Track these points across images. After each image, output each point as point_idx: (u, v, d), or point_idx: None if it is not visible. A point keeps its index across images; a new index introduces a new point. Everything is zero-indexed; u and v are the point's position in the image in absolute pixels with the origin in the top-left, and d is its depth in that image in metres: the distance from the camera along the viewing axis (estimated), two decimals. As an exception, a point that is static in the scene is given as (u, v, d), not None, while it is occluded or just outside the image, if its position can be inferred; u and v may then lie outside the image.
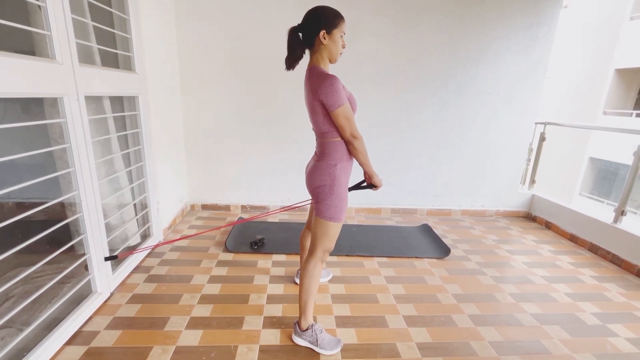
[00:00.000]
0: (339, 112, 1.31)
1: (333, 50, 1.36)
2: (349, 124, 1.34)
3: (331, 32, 1.33)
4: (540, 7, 2.92)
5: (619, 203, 2.59)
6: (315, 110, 1.35)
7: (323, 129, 1.39)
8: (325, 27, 1.32)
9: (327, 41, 1.34)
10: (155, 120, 2.37)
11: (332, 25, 1.33)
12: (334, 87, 1.28)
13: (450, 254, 2.51)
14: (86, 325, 1.58)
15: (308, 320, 1.51)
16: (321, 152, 1.44)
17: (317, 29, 1.32)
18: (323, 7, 1.35)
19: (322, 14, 1.33)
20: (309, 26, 1.35)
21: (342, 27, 1.35)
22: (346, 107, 1.31)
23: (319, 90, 1.29)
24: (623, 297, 2.06)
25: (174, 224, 2.82)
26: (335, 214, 1.42)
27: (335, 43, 1.35)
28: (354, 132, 1.35)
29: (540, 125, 3.42)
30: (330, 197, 1.40)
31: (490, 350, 1.56)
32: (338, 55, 1.39)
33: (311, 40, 1.36)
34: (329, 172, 1.40)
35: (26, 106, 2.24)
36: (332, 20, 1.33)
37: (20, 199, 1.82)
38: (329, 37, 1.33)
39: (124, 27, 1.97)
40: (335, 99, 1.28)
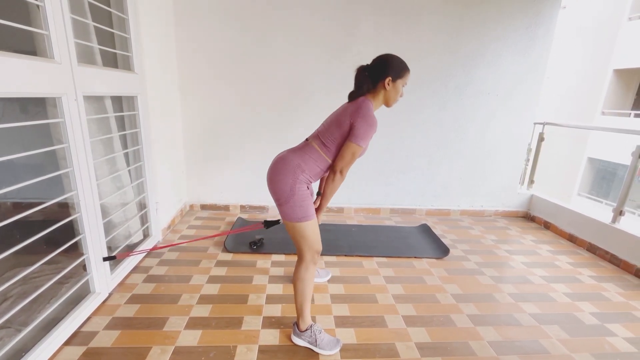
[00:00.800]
0: (352, 146, 1.38)
1: (392, 97, 1.47)
2: (349, 160, 1.41)
3: (395, 81, 1.44)
4: (538, 7, 2.93)
5: (617, 203, 2.59)
6: (342, 126, 1.40)
7: (329, 143, 1.43)
8: (392, 74, 1.42)
9: (390, 87, 1.44)
10: (154, 120, 2.37)
11: (398, 75, 1.44)
12: (369, 129, 1.38)
13: (449, 254, 2.51)
14: (85, 326, 1.58)
15: (306, 321, 1.51)
16: (303, 151, 1.45)
17: (384, 75, 1.42)
18: (393, 56, 1.46)
19: (391, 62, 1.44)
20: (377, 69, 1.44)
21: (405, 79, 1.47)
22: (359, 149, 1.40)
23: (358, 119, 1.37)
24: (621, 296, 2.07)
25: (172, 224, 2.82)
26: (303, 213, 1.39)
27: (396, 91, 1.46)
28: (345, 169, 1.44)
29: (539, 125, 3.42)
30: (293, 198, 1.38)
31: (489, 350, 1.56)
32: (394, 103, 1.50)
33: (375, 82, 1.45)
34: (294, 173, 1.39)
35: (24, 106, 2.24)
36: (399, 71, 1.44)
37: (19, 199, 1.81)
38: (392, 84, 1.44)
39: (123, 26, 1.97)
40: (362, 137, 1.38)
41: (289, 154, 1.45)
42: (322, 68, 2.94)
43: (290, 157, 1.43)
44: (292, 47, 2.88)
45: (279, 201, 1.41)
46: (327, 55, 2.91)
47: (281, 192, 1.39)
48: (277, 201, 1.42)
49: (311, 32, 2.85)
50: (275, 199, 1.43)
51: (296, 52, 2.89)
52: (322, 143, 1.44)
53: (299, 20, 2.82)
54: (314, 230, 1.44)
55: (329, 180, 1.46)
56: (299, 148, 1.49)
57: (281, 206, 1.41)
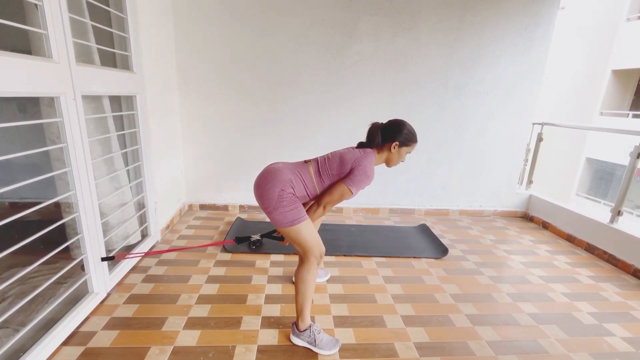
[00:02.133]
0: (344, 189, 1.49)
1: (394, 160, 1.60)
2: (335, 200, 1.52)
3: (401, 147, 1.56)
4: (537, 8, 2.93)
5: (615, 203, 2.60)
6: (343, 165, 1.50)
7: (324, 176, 1.51)
8: (399, 140, 1.54)
9: (394, 151, 1.56)
10: (153, 119, 2.36)
11: (405, 144, 1.56)
12: (365, 180, 1.49)
13: (448, 254, 2.52)
14: (83, 326, 1.58)
15: (305, 322, 1.51)
16: (299, 171, 1.49)
17: (393, 138, 1.54)
18: (407, 125, 1.58)
19: (403, 130, 1.55)
20: (389, 131, 1.56)
21: (411, 148, 1.59)
22: (349, 195, 1.51)
23: (359, 167, 1.48)
24: (619, 296, 2.08)
25: (171, 224, 2.81)
26: (294, 217, 1.41)
27: (399, 156, 1.59)
28: (329, 206, 1.55)
29: (538, 125, 3.43)
30: (281, 205, 1.40)
31: (487, 349, 1.57)
32: (394, 165, 1.62)
33: (384, 141, 1.57)
34: (284, 185, 1.42)
35: (22, 105, 2.23)
36: (407, 139, 1.55)
37: (16, 199, 1.81)
38: (398, 149, 1.56)
39: (122, 26, 1.96)
40: (356, 184, 1.48)
41: (284, 168, 1.48)
42: (322, 68, 2.94)
43: (285, 171, 1.46)
44: (292, 47, 2.88)
45: (267, 209, 1.43)
46: (327, 55, 2.91)
47: (268, 200, 1.41)
48: (266, 209, 1.44)
49: (311, 32, 2.85)
50: (263, 207, 1.45)
51: (296, 52, 2.89)
52: (319, 173, 1.51)
53: (298, 20, 2.82)
54: (309, 231, 1.44)
55: (312, 210, 1.56)
56: (295, 166, 1.52)
57: (270, 214, 1.43)
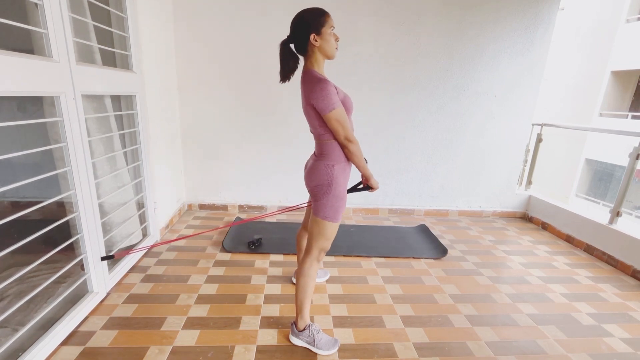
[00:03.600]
0: (330, 116, 1.30)
1: (328, 49, 1.34)
2: (342, 128, 1.32)
3: (320, 32, 1.31)
4: (537, 9, 2.94)
5: (614, 204, 2.61)
6: (310, 113, 1.36)
7: (319, 131, 1.39)
8: (314, 29, 1.30)
9: (320, 42, 1.32)
10: (153, 119, 2.36)
11: (320, 25, 1.31)
12: (324, 92, 1.27)
13: (448, 254, 2.52)
14: (82, 326, 1.58)
15: (305, 320, 1.51)
16: (320, 152, 1.44)
17: (306, 34, 1.31)
18: (305, 10, 1.33)
19: (306, 18, 1.32)
20: (298, 34, 1.33)
21: (330, 23, 1.33)
22: (338, 111, 1.30)
23: (310, 95, 1.29)
24: (618, 297, 2.08)
25: (171, 223, 2.81)
26: (331, 214, 1.41)
27: (327, 41, 1.33)
28: (348, 135, 1.34)
29: (537, 126, 3.44)
30: (327, 196, 1.40)
31: (486, 350, 1.57)
32: (334, 51, 1.36)
33: (304, 47, 1.34)
34: (327, 172, 1.40)
35: (22, 105, 2.23)
36: (318, 20, 1.31)
37: (16, 198, 1.81)
38: (319, 37, 1.31)
39: (122, 25, 1.96)
40: (326, 103, 1.27)
41: (314, 162, 1.46)
42: (321, 68, 2.94)
43: (315, 164, 1.44)
44: (291, 47, 2.87)
45: (315, 197, 1.44)
46: (326, 55, 2.91)
47: (319, 189, 1.41)
48: (314, 197, 1.44)
49: (310, 32, 2.85)
50: (313, 196, 1.45)
51: (295, 52, 2.89)
52: (318, 135, 1.42)
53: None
54: (333, 232, 1.46)
55: (347, 155, 1.40)
56: (316, 150, 1.49)
57: (317, 201, 1.43)
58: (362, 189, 1.70)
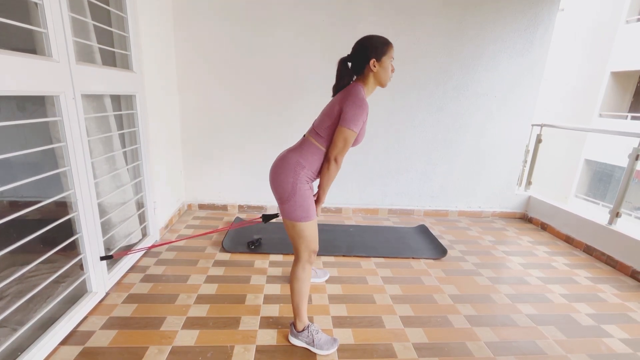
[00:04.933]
0: (344, 131, 1.34)
1: (383, 77, 1.42)
2: (342, 146, 1.37)
3: (381, 59, 1.39)
4: (537, 9, 2.94)
5: (614, 205, 2.61)
6: (332, 113, 1.38)
7: (322, 132, 1.41)
8: (375, 55, 1.38)
9: (377, 68, 1.40)
10: (153, 119, 2.36)
11: (382, 53, 1.39)
12: (359, 111, 1.33)
13: (447, 254, 2.52)
14: (81, 325, 1.57)
15: (303, 321, 1.51)
16: (301, 147, 1.44)
17: (367, 59, 1.39)
18: (372, 37, 1.41)
19: (371, 44, 1.40)
20: (358, 56, 1.41)
21: (390, 54, 1.42)
22: (352, 134, 1.35)
23: (348, 102, 1.34)
24: (617, 298, 2.08)
25: (170, 223, 2.81)
26: (303, 214, 1.39)
27: (385, 70, 1.41)
28: (339, 156, 1.39)
29: (537, 127, 3.44)
30: (294, 197, 1.38)
31: (486, 350, 1.57)
32: (388, 81, 1.45)
33: (361, 69, 1.42)
34: (295, 171, 1.39)
35: (22, 104, 2.23)
36: (381, 49, 1.39)
37: (16, 198, 1.81)
38: (379, 64, 1.39)
39: (122, 25, 1.96)
40: (352, 120, 1.33)
41: (288, 153, 1.46)
42: (322, 68, 2.94)
43: (290, 156, 1.43)
44: (292, 47, 2.88)
45: (280, 199, 1.41)
46: (327, 55, 2.91)
47: (283, 190, 1.39)
48: (279, 200, 1.42)
49: (311, 32, 2.85)
50: (277, 197, 1.43)
51: (296, 52, 2.89)
52: (317, 134, 1.43)
53: (298, 20, 2.82)
54: (312, 230, 1.44)
55: (324, 169, 1.42)
56: (297, 145, 1.49)
57: (282, 204, 1.41)
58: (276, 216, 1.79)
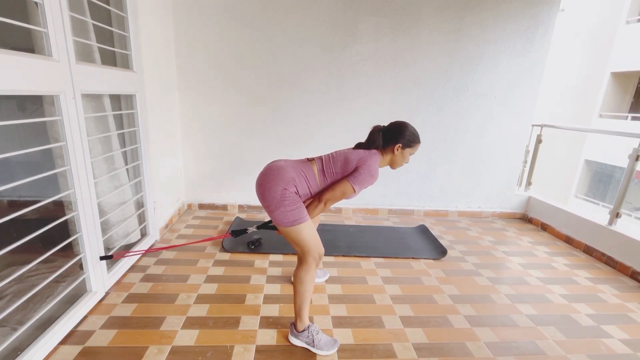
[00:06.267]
0: (347, 186, 1.47)
1: (398, 162, 1.59)
2: (337, 196, 1.49)
3: (404, 149, 1.55)
4: (537, 10, 2.94)
5: (614, 205, 2.61)
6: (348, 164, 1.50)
7: (328, 173, 1.51)
8: (402, 142, 1.54)
9: (398, 153, 1.56)
10: (153, 118, 2.36)
11: (408, 145, 1.55)
12: (370, 179, 1.48)
13: (447, 255, 2.52)
14: (81, 325, 1.57)
15: (304, 322, 1.51)
16: (301, 168, 1.48)
17: (395, 140, 1.54)
18: (409, 126, 1.57)
19: (405, 132, 1.55)
20: (391, 133, 1.56)
21: (414, 149, 1.58)
22: (352, 192, 1.48)
23: (364, 167, 1.47)
24: (617, 298, 2.08)
25: (170, 223, 2.81)
26: (296, 216, 1.40)
27: (403, 158, 1.58)
28: (330, 202, 1.51)
29: (537, 127, 3.44)
30: (283, 203, 1.39)
31: (485, 350, 1.57)
32: (399, 167, 1.62)
33: (387, 144, 1.56)
34: (287, 183, 1.41)
35: (22, 103, 2.23)
36: (410, 141, 1.55)
37: (15, 197, 1.80)
38: (401, 151, 1.55)
39: (122, 25, 1.96)
40: (360, 182, 1.47)
41: (286, 166, 1.47)
42: (322, 68, 2.94)
43: (288, 170, 1.45)
44: (292, 47, 2.88)
45: (269, 207, 1.42)
46: (327, 55, 2.92)
47: (271, 198, 1.40)
48: (267, 207, 1.43)
49: (311, 32, 2.85)
50: (265, 205, 1.44)
51: (296, 52, 2.89)
52: (323, 171, 1.50)
53: (298, 20, 2.82)
54: (310, 232, 1.44)
55: (312, 206, 1.52)
56: (298, 163, 1.52)
57: (272, 212, 1.42)
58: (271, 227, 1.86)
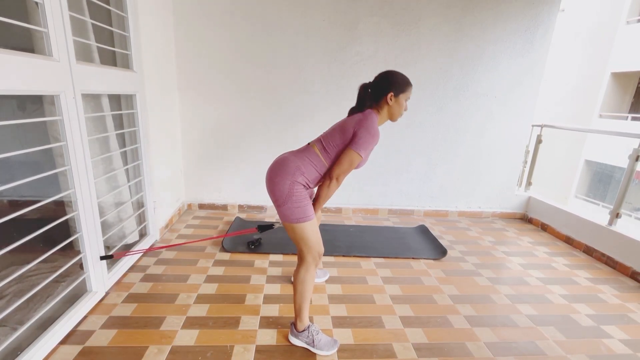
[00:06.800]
0: (351, 154, 1.42)
1: (395, 112, 1.52)
2: (346, 168, 1.44)
3: (398, 96, 1.48)
4: (537, 10, 2.94)
5: (614, 205, 2.61)
6: (345, 134, 1.45)
7: (330, 148, 1.46)
8: (394, 90, 1.47)
9: (393, 103, 1.49)
10: (153, 118, 2.36)
11: (400, 90, 1.48)
12: (370, 140, 1.42)
13: (447, 255, 2.52)
14: (81, 325, 1.57)
15: (304, 322, 1.51)
16: (304, 154, 1.47)
17: (386, 90, 1.48)
18: (395, 73, 1.50)
19: (393, 78, 1.49)
20: (379, 86, 1.50)
21: (408, 94, 1.51)
22: (358, 158, 1.43)
23: (362, 128, 1.42)
24: (617, 298, 2.08)
25: (170, 223, 2.81)
26: (301, 214, 1.40)
27: (399, 106, 1.51)
28: (342, 176, 1.46)
29: (537, 127, 3.44)
30: (291, 199, 1.39)
31: (485, 351, 1.57)
32: (398, 117, 1.56)
33: (379, 98, 1.50)
34: (293, 175, 1.40)
35: (22, 103, 2.23)
36: (401, 86, 1.48)
37: (15, 197, 1.81)
38: (395, 99, 1.49)
39: (122, 25, 1.96)
40: (362, 146, 1.41)
41: (289, 156, 1.47)
42: (322, 68, 2.94)
43: (291, 159, 1.44)
44: (292, 47, 2.88)
45: (277, 202, 1.42)
46: (327, 56, 2.92)
47: (279, 192, 1.40)
48: (275, 202, 1.42)
49: (311, 32, 2.85)
50: (274, 199, 1.43)
51: (296, 53, 2.89)
52: (323, 147, 1.47)
53: (299, 20, 2.82)
54: (313, 231, 1.44)
55: (324, 185, 1.49)
56: (300, 151, 1.51)
57: (279, 207, 1.41)
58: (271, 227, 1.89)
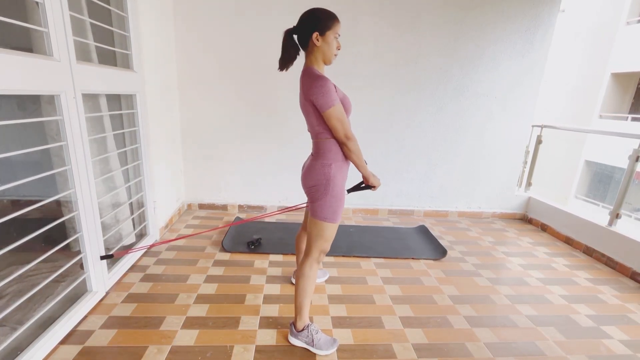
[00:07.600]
0: (330, 113, 1.30)
1: (326, 52, 1.35)
2: (341, 125, 1.32)
3: (324, 34, 1.32)
4: (537, 10, 2.94)
5: (614, 206, 2.61)
6: (308, 111, 1.36)
7: (317, 130, 1.38)
8: (318, 29, 1.31)
9: (320, 43, 1.33)
10: (153, 118, 2.36)
11: (326, 27, 1.32)
12: (324, 88, 1.27)
13: (447, 255, 2.52)
14: (81, 325, 1.57)
15: (304, 320, 1.51)
16: (316, 152, 1.44)
17: (310, 31, 1.32)
18: (317, 9, 1.34)
19: (315, 16, 1.32)
20: (303, 28, 1.34)
21: (336, 29, 1.34)
22: (337, 108, 1.30)
23: (309, 91, 1.29)
24: (617, 299, 2.08)
25: (170, 223, 2.81)
26: (330, 215, 1.40)
27: (328, 45, 1.34)
28: (348, 133, 1.34)
29: (537, 127, 3.44)
30: (325, 197, 1.39)
31: (485, 351, 1.57)
32: (332, 57, 1.38)
33: (305, 42, 1.35)
34: (324, 172, 1.39)
35: (22, 103, 2.23)
36: (325, 22, 1.32)
37: (16, 197, 1.81)
38: (322, 38, 1.33)
39: (123, 25, 1.96)
40: (325, 100, 1.27)
41: (311, 162, 1.45)
42: (322, 68, 2.94)
43: (313, 163, 1.43)
44: (292, 47, 2.88)
45: (312, 199, 1.43)
46: (327, 55, 2.91)
47: (316, 191, 1.40)
48: (311, 199, 1.44)
49: (311, 32, 2.85)
50: (309, 197, 1.44)
51: (296, 53, 2.89)
52: (317, 134, 1.41)
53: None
54: (332, 233, 1.45)
55: (345, 152, 1.39)
56: (313, 150, 1.47)
57: (313, 203, 1.42)
58: (364, 188, 1.68)
